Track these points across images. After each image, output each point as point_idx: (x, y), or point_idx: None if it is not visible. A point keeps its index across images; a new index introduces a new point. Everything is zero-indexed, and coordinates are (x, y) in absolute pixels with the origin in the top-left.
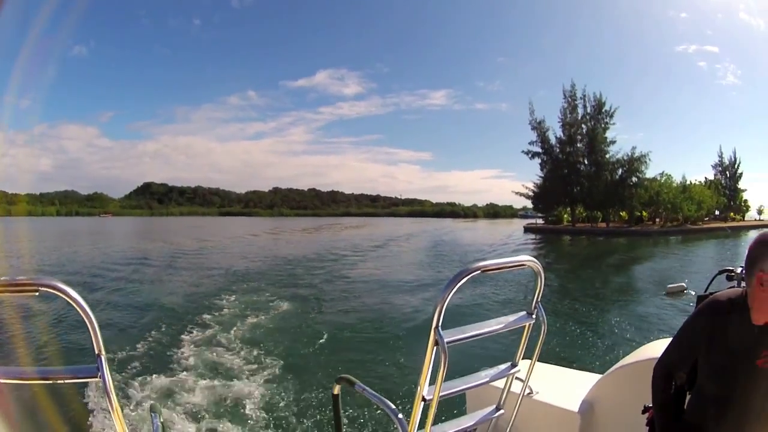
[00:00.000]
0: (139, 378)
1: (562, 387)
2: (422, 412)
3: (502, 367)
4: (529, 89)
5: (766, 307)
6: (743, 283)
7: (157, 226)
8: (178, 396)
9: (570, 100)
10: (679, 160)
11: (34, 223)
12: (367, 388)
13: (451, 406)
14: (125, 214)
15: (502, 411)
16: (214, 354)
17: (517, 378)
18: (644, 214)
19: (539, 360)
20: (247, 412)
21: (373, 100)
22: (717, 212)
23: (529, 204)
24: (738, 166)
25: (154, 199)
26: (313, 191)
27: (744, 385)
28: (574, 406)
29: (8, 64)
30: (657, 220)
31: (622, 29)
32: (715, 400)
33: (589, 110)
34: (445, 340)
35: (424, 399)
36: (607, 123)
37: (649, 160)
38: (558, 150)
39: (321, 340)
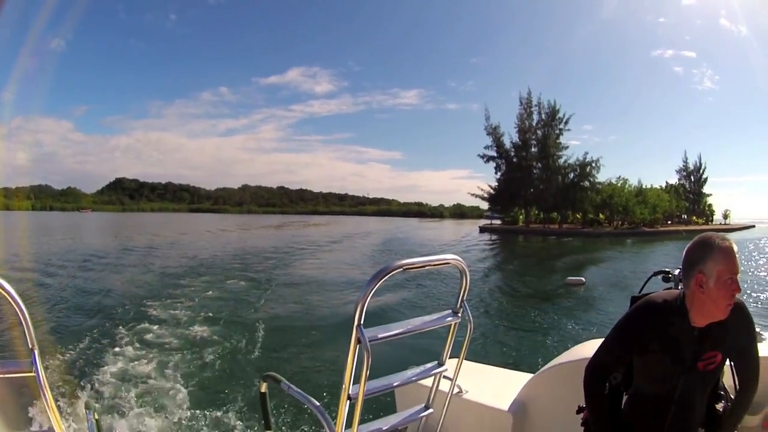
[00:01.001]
0: (76, 374)
1: (494, 386)
2: (349, 410)
3: (429, 365)
4: (502, 90)
5: (705, 310)
6: (681, 285)
7: (130, 222)
8: (112, 393)
9: (526, 106)
10: (651, 163)
11: (11, 218)
12: (293, 386)
13: (382, 405)
14: (97, 210)
15: (431, 410)
16: (151, 351)
17: (445, 377)
18: (601, 216)
19: (470, 359)
20: (179, 409)
21: (345, 98)
22: (684, 216)
23: (484, 205)
24: (703, 171)
25: (125, 194)
26: (281, 189)
27: (684, 387)
28: (506, 406)
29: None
30: (618, 222)
31: (597, 33)
32: (653, 401)
33: (543, 117)
34: (368, 338)
35: (349, 397)
36: (561, 129)
37: (602, 165)
38: (513, 154)
39: (256, 336)
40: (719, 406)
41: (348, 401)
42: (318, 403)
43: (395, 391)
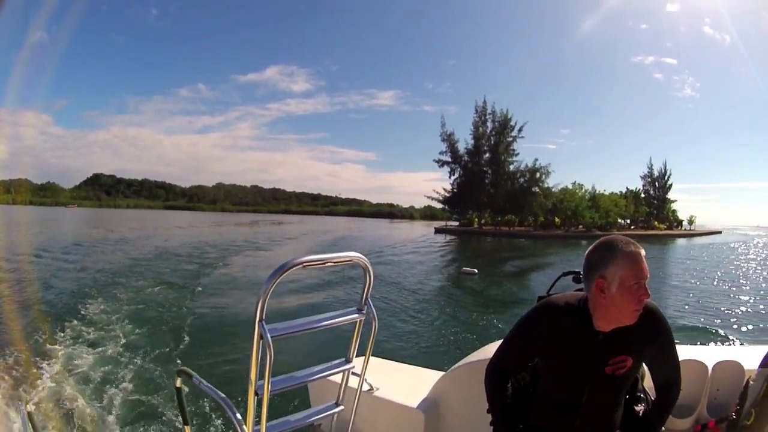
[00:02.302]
0: (10, 368)
1: (406, 384)
2: (261, 406)
3: (336, 362)
4: (479, 92)
5: (609, 315)
6: None
7: (100, 218)
8: (44, 386)
9: (481, 114)
10: (627, 168)
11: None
12: (204, 381)
13: (297, 402)
14: (74, 204)
15: (341, 407)
16: (82, 347)
17: (353, 373)
18: (557, 220)
19: (385, 357)
20: (107, 402)
21: (321, 97)
22: (652, 220)
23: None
24: (668, 177)
25: (102, 190)
26: (255, 188)
27: (592, 391)
28: (418, 404)
29: None
30: (576, 226)
31: (577, 38)
32: (560, 405)
33: (496, 125)
34: (269, 333)
35: (256, 393)
36: (514, 137)
37: (552, 170)
38: (467, 160)
39: (183, 331)
40: (639, 409)
41: (256, 397)
42: (225, 397)
43: (309, 389)
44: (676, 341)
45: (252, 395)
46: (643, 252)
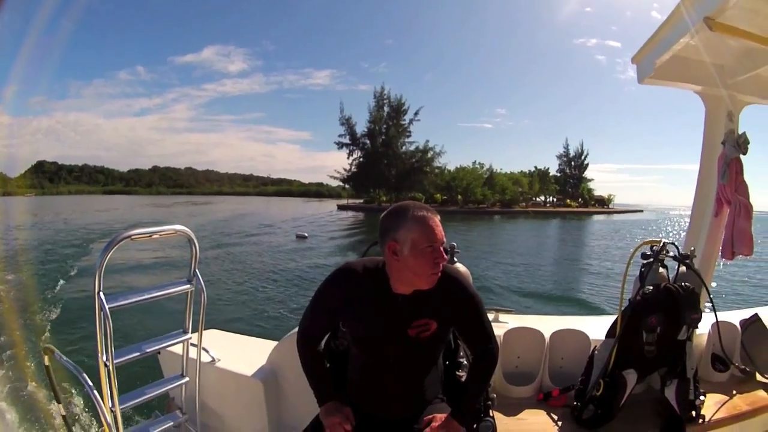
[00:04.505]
0: None
1: (245, 354)
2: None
3: (174, 333)
4: (414, 72)
5: (405, 278)
6: None
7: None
8: None
9: (378, 100)
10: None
11: None
12: (64, 357)
13: (151, 373)
14: (20, 194)
15: (187, 378)
16: None
17: (192, 345)
18: (459, 197)
19: (224, 329)
20: None
21: (257, 77)
22: (567, 198)
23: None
24: (584, 157)
25: (46, 177)
26: (189, 170)
27: (397, 354)
28: (257, 373)
29: None
30: (484, 204)
31: (515, 17)
32: (368, 368)
33: (391, 110)
34: (107, 305)
35: (105, 365)
36: (411, 120)
37: (444, 151)
38: (365, 142)
39: (56, 309)
40: (460, 374)
41: (105, 368)
42: (77, 367)
43: (161, 362)
44: (512, 310)
45: (102, 366)
46: (437, 217)
